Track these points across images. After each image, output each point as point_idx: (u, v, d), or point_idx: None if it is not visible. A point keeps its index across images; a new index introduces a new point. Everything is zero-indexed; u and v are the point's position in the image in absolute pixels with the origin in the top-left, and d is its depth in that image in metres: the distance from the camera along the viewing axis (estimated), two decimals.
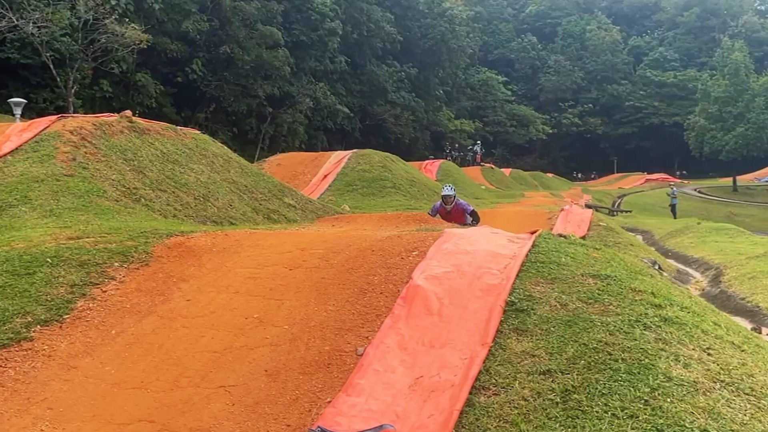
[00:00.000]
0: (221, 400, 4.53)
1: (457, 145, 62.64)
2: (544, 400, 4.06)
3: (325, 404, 4.35)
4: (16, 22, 27.84)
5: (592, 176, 78.62)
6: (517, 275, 5.49)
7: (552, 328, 4.75)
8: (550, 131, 79.74)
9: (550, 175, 62.57)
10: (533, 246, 6.16)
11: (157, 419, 4.41)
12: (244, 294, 5.73)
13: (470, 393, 4.18)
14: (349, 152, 26.82)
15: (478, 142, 61.05)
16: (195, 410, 4.46)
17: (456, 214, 11.49)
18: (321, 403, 4.40)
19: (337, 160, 25.74)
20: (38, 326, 5.48)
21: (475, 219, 11.41)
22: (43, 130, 11.38)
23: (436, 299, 5.23)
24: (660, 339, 4.60)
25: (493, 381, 4.28)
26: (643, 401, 3.94)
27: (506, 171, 51.99)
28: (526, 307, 5.01)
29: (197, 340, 5.24)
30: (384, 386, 4.41)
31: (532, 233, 6.65)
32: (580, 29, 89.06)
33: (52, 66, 30.63)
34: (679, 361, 4.36)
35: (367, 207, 19.62)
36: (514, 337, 4.70)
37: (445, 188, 11.93)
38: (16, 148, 10.73)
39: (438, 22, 63.39)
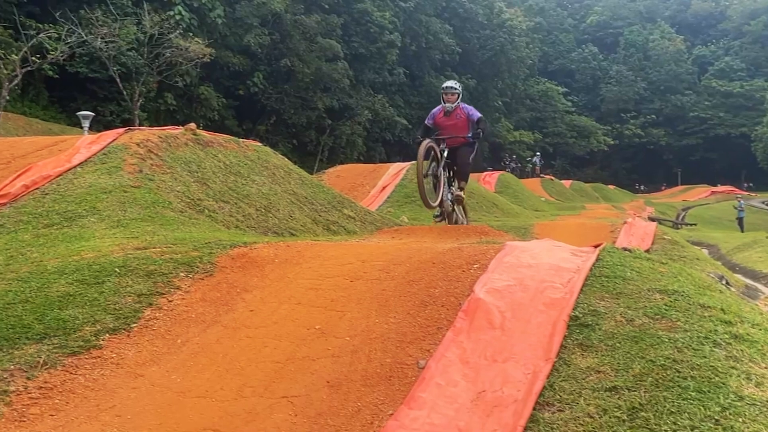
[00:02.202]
0: (284, 411, 4.56)
1: (515, 157, 62.18)
2: (610, 417, 3.97)
3: (387, 417, 4.34)
4: (85, 38, 28.75)
5: (663, 187, 77.08)
6: (581, 289, 5.39)
7: (618, 344, 4.66)
8: (612, 142, 78.62)
9: (611, 187, 61.56)
10: (597, 260, 6.05)
11: (221, 428, 4.46)
12: (306, 305, 5.77)
13: (534, 409, 4.12)
14: (407, 164, 26.81)
15: (538, 153, 60.48)
16: (258, 420, 4.50)
17: (458, 121, 9.78)
18: (383, 415, 4.39)
19: (395, 171, 25.79)
20: (107, 334, 5.61)
21: (482, 127, 9.74)
22: (111, 142, 11.67)
23: (498, 313, 5.18)
24: (730, 356, 4.46)
25: (558, 397, 4.21)
26: (713, 421, 3.83)
27: (566, 183, 51.34)
28: (590, 322, 4.92)
29: (260, 350, 5.29)
30: (446, 400, 4.38)
31: (596, 246, 6.55)
32: (643, 39, 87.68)
33: (118, 80, 31.55)
34: (751, 380, 4.22)
35: (426, 219, 19.56)
36: (578, 353, 4.62)
37: (448, 81, 10.09)
38: (86, 160, 11.01)
39: (497, 33, 63.21)
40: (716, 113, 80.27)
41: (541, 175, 52.15)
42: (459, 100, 9.71)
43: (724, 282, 13.00)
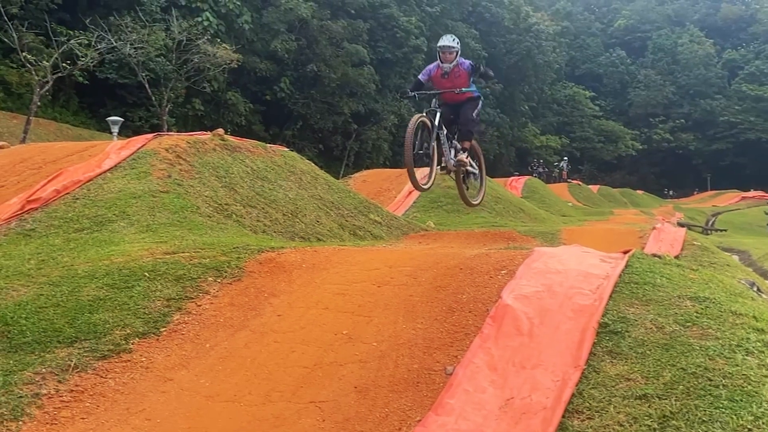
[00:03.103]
0: (312, 416, 4.58)
1: (542, 162, 61.84)
2: (640, 425, 3.94)
3: (415, 423, 4.34)
4: (114, 44, 29.09)
5: (695, 192, 76.25)
6: (610, 296, 5.35)
7: (648, 352, 4.61)
8: (640, 147, 77.88)
9: (640, 192, 60.89)
10: (626, 266, 6.00)
11: None
12: (333, 310, 5.79)
13: (563, 416, 4.09)
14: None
15: (565, 158, 60.08)
16: (286, 425, 4.52)
17: (457, 80, 8.73)
18: (410, 421, 4.39)
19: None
20: (136, 338, 5.66)
21: (483, 69, 8.75)
22: (140, 147, 11.78)
23: (527, 319, 5.16)
24: (763, 365, 4.40)
25: (587, 404, 4.18)
26: (746, 430, 3.78)
27: (594, 188, 50.87)
28: (620, 330, 4.88)
29: (288, 355, 5.31)
30: (474, 406, 4.37)
31: (625, 252, 6.49)
32: (672, 43, 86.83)
33: (147, 85, 31.88)
34: None
35: (452, 224, 19.56)
36: (608, 360, 4.58)
37: (445, 38, 8.85)
38: (115, 165, 11.12)
39: (524, 38, 62.95)
40: (746, 117, 79.18)
41: (569, 180, 51.82)
42: (457, 58, 8.65)
43: (755, 289, 12.80)
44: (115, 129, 26.57)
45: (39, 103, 27.39)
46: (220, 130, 13.75)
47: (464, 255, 6.87)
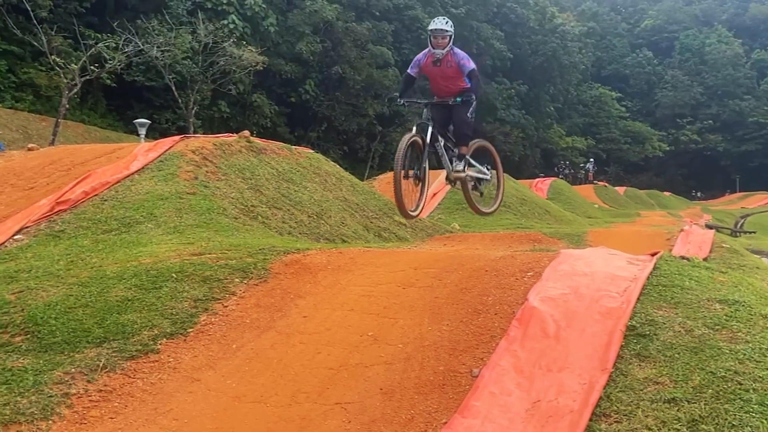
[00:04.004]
0: (338, 417, 4.59)
1: (568, 163, 61.47)
2: (669, 429, 3.90)
3: (441, 425, 4.33)
4: (141, 47, 29.38)
5: (726, 193, 75.35)
6: (638, 299, 5.30)
7: (677, 355, 4.57)
8: (667, 148, 77.12)
9: (667, 193, 60.30)
10: (654, 268, 5.94)
11: None
12: (358, 311, 5.79)
13: (590, 420, 4.06)
14: None
15: (591, 159, 59.66)
16: (312, 426, 4.53)
17: (448, 70, 7.82)
18: (436, 423, 4.38)
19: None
20: (164, 339, 5.71)
21: (474, 86, 7.81)
22: (167, 149, 11.89)
23: (553, 322, 5.13)
24: None
25: (615, 408, 4.15)
26: None
27: (620, 189, 50.48)
28: (648, 333, 4.83)
29: (314, 357, 5.33)
30: (500, 409, 4.35)
31: (653, 255, 6.43)
32: (699, 43, 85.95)
33: (174, 88, 32.18)
34: None
35: (477, 226, 19.49)
36: (635, 363, 4.54)
37: (437, 20, 7.88)
38: (143, 167, 11.23)
39: (549, 39, 62.64)
40: None
41: (595, 181, 51.48)
42: (450, 44, 7.69)
43: None
44: (143, 131, 26.84)
45: (67, 106, 27.74)
46: (246, 132, 13.83)
47: (490, 257, 6.85)
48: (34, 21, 27.78)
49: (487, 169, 8.43)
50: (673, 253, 10.46)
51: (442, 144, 7.65)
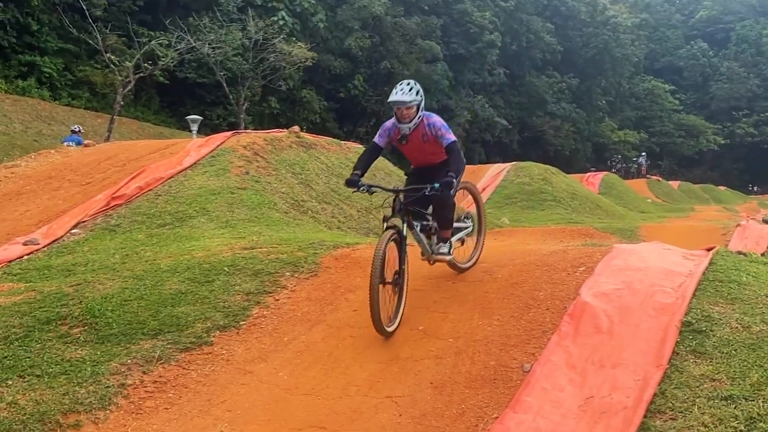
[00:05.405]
0: (388, 411, 4.60)
1: (620, 157, 60.50)
2: (726, 427, 3.82)
3: (492, 420, 4.32)
4: (193, 44, 29.75)
5: None
6: (694, 294, 5.21)
7: (733, 352, 4.48)
8: (722, 142, 75.30)
9: (722, 188, 58.85)
10: (710, 263, 5.83)
11: (327, 426, 4.54)
12: (408, 306, 5.79)
13: (645, 416, 4.01)
14: (508, 165, 26.51)
15: (644, 153, 58.61)
16: (363, 419, 4.56)
17: (425, 145, 6.15)
18: (487, 418, 4.37)
19: (495, 172, 25.53)
20: (217, 331, 5.80)
21: (455, 162, 5.97)
22: (219, 145, 12.05)
23: (606, 317, 5.07)
24: None
25: (670, 405, 4.08)
26: None
27: (674, 184, 49.41)
28: (704, 329, 4.74)
29: (364, 350, 5.36)
30: (552, 405, 4.32)
31: (708, 250, 6.31)
32: (756, 34, 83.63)
33: (225, 84, 32.53)
34: None
35: (527, 221, 19.32)
36: (691, 360, 4.46)
37: (398, 89, 6.14)
38: (195, 163, 11.41)
39: (601, 31, 61.67)
40: None
41: (647, 175, 50.57)
42: (420, 113, 6.06)
43: None
44: (195, 127, 27.20)
45: (122, 103, 28.24)
46: (296, 128, 13.93)
47: (541, 251, 6.79)
48: (89, 19, 28.34)
49: (467, 217, 6.81)
50: (729, 248, 10.25)
51: (418, 228, 6.07)
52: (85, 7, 28.46)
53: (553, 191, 23.37)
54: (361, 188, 5.94)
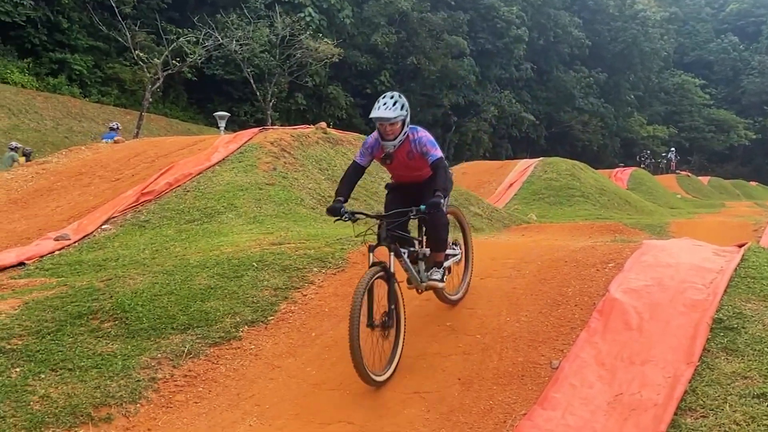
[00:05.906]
0: (416, 406, 4.61)
1: (649, 152, 59.85)
2: (758, 425, 3.78)
3: (520, 416, 4.31)
4: (221, 41, 29.95)
5: None
6: (725, 291, 5.15)
7: (766, 349, 4.42)
8: (754, 137, 74.20)
9: (753, 183, 58.01)
10: (742, 260, 5.76)
11: (355, 421, 4.56)
12: (436, 302, 5.79)
13: (675, 414, 3.97)
14: (535, 160, 26.35)
15: (673, 149, 57.86)
16: (391, 414, 4.57)
17: (411, 162, 5.63)
18: (515, 415, 4.36)
19: (522, 168, 25.38)
20: (246, 326, 5.84)
21: (441, 180, 5.45)
22: (246, 141, 12.12)
23: (635, 314, 5.03)
24: None
25: (701, 402, 4.04)
26: None
27: (704, 179, 48.79)
28: (736, 326, 4.69)
29: None
30: (581, 401, 4.30)
31: (740, 246, 6.23)
32: None
33: (252, 81, 32.73)
34: None
35: (555, 216, 19.19)
36: (723, 357, 4.42)
37: (380, 103, 5.49)
38: (223, 159, 11.49)
39: (629, 25, 61.01)
40: None
41: (677, 171, 50.00)
42: (405, 129, 5.54)
43: None
44: (222, 123, 27.40)
45: (151, 99, 28.55)
46: (323, 124, 13.97)
47: (569, 247, 6.76)
48: (119, 17, 28.66)
49: (454, 244, 6.22)
50: (761, 244, 10.11)
51: (406, 255, 5.62)
52: (114, 5, 28.79)
53: (581, 187, 23.19)
54: (345, 216, 5.56)
